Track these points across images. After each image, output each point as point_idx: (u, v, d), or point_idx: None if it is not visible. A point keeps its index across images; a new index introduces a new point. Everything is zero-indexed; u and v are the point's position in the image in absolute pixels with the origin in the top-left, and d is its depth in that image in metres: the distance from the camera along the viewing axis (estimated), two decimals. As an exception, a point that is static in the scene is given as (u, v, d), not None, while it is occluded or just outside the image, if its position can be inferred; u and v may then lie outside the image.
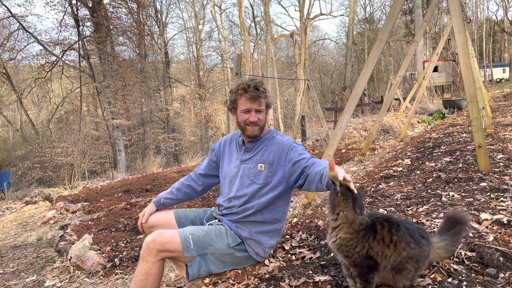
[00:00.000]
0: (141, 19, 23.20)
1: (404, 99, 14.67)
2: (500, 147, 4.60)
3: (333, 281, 1.83)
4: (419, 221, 2.33)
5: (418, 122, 11.35)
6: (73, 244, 3.85)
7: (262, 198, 2.14)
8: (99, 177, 12.95)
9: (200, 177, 2.43)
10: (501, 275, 1.62)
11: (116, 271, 3.28)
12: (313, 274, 1.93)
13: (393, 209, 2.71)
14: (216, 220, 2.26)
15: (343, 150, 8.01)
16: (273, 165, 2.13)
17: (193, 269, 2.05)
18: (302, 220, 3.12)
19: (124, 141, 20.51)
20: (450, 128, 7.49)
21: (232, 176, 2.24)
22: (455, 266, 1.72)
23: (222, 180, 2.34)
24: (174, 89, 30.66)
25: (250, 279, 2.02)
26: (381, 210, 2.69)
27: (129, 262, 3.42)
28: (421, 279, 1.66)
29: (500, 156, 3.96)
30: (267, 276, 2.02)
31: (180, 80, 29.62)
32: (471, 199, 2.63)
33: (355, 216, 1.56)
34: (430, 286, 1.59)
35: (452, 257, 1.80)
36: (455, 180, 3.18)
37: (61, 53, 19.55)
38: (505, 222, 2.13)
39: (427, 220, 2.32)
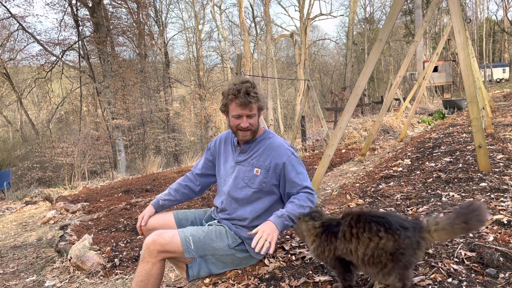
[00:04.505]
0: (141, 19, 23.18)
1: (404, 99, 14.67)
2: (500, 147, 4.60)
3: (333, 281, 1.82)
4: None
5: (418, 122, 11.35)
6: (73, 244, 3.85)
7: (257, 202, 2.14)
8: (99, 177, 12.94)
9: (197, 177, 2.41)
10: (501, 275, 1.61)
11: (116, 271, 3.27)
12: (313, 274, 1.93)
13: (393, 209, 2.71)
14: (216, 221, 2.26)
15: (343, 150, 8.01)
16: (269, 171, 2.11)
17: (193, 270, 2.05)
18: (302, 220, 3.11)
19: (124, 141, 20.48)
20: (450, 128, 7.49)
21: (226, 176, 2.23)
22: (455, 266, 1.72)
23: (218, 180, 2.33)
24: (174, 89, 30.67)
25: (250, 279, 2.02)
26: (381, 210, 2.69)
27: (129, 262, 3.42)
28: (421, 278, 1.66)
29: (500, 156, 3.96)
30: (267, 276, 2.02)
31: (180, 80, 29.62)
32: (471, 199, 2.63)
33: (307, 224, 1.71)
34: (430, 286, 1.59)
35: (452, 257, 1.80)
36: (455, 180, 3.18)
37: (61, 53, 19.55)
38: (505, 222, 2.13)
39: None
